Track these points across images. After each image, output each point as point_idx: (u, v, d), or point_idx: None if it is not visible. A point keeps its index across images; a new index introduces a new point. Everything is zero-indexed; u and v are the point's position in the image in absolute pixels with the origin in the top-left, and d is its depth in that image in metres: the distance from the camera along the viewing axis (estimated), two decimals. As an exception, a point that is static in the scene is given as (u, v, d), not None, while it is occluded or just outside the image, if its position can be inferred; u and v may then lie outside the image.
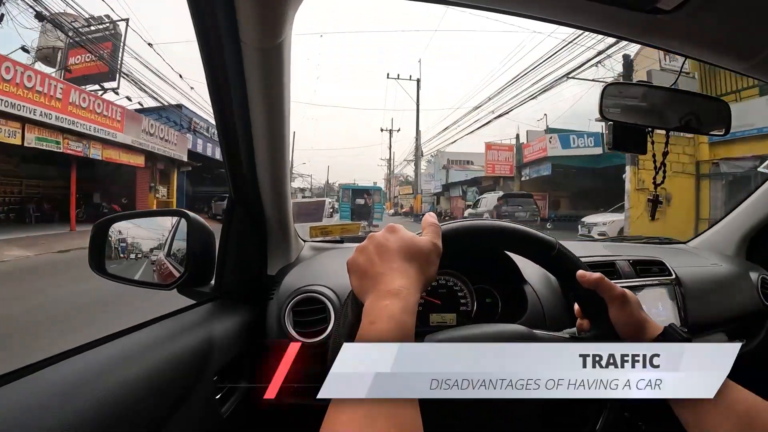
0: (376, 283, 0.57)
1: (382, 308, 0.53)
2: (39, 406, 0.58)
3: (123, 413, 0.66)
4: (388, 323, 0.51)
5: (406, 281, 0.56)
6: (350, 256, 0.63)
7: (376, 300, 0.55)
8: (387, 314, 0.52)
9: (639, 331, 0.68)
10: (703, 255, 1.68)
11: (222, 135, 0.98)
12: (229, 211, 1.12)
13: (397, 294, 0.54)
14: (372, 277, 0.58)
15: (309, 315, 1.07)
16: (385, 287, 0.56)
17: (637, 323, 0.68)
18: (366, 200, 19.41)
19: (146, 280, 1.14)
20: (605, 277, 0.71)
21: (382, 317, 0.52)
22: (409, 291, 0.55)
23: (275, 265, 1.23)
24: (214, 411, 0.91)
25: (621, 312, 0.69)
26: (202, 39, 0.80)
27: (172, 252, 1.16)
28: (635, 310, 0.69)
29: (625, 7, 0.69)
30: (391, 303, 0.53)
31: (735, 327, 1.43)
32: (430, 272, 0.61)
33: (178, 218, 1.11)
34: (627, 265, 1.29)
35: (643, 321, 0.69)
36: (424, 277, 0.60)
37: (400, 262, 0.59)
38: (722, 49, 0.79)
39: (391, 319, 0.52)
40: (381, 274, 0.58)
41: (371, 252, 0.60)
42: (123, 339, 0.79)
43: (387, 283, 0.56)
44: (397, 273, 0.57)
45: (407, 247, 0.60)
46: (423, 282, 0.59)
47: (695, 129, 1.00)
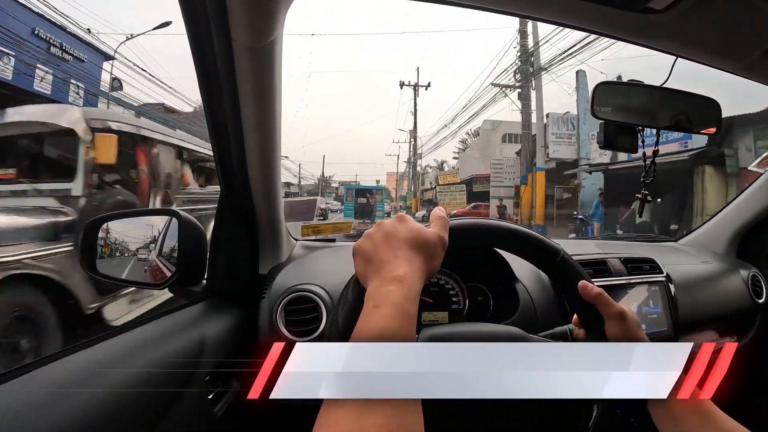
0: (380, 269, 0.57)
1: (386, 293, 0.53)
2: (31, 406, 0.58)
3: (115, 413, 0.66)
4: (392, 309, 0.51)
5: (410, 269, 0.56)
6: (357, 242, 0.62)
7: (379, 285, 0.54)
8: (391, 300, 0.52)
9: None
10: (694, 253, 1.69)
11: (213, 133, 0.97)
12: (220, 209, 1.11)
13: (401, 281, 0.54)
14: (377, 262, 0.58)
15: (301, 314, 1.07)
16: (390, 273, 0.55)
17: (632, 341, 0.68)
18: (368, 199, 19.68)
19: (138, 279, 1.14)
20: (605, 292, 0.71)
21: (385, 302, 0.52)
22: (413, 279, 0.55)
23: (267, 265, 1.23)
24: (207, 411, 0.90)
25: (617, 329, 0.68)
26: (193, 37, 0.79)
27: (164, 251, 1.15)
28: (632, 329, 0.68)
29: (617, 7, 0.69)
30: (396, 289, 0.53)
31: (726, 324, 1.45)
32: (435, 264, 0.61)
33: (169, 217, 1.10)
34: (618, 263, 1.30)
35: (640, 341, 0.68)
36: (428, 269, 0.59)
37: (406, 250, 0.59)
38: (714, 49, 0.79)
39: (394, 306, 0.52)
40: (386, 260, 0.57)
41: (378, 238, 0.60)
42: (114, 339, 0.79)
43: (392, 269, 0.56)
44: (402, 261, 0.57)
45: (414, 237, 0.60)
46: (426, 273, 0.59)
47: (686, 128, 1.00)
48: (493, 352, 0.54)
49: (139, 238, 1.17)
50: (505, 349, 0.55)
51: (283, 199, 1.20)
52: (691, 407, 0.61)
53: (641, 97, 0.99)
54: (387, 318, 0.50)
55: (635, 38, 0.79)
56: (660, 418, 0.64)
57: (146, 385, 0.74)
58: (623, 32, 0.78)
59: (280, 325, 1.05)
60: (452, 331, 0.73)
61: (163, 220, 1.15)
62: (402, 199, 48.68)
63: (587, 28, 0.79)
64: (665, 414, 0.63)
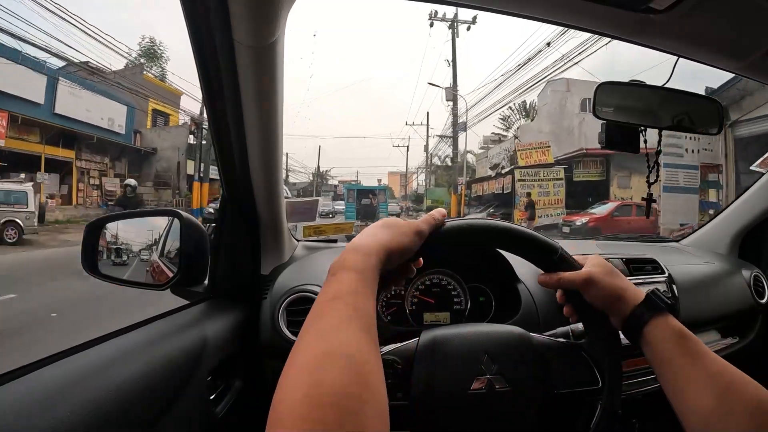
0: (348, 247, 0.61)
1: (342, 261, 0.58)
2: (32, 407, 0.58)
3: (116, 414, 0.66)
4: (348, 274, 0.55)
5: (371, 240, 0.61)
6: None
7: (339, 257, 0.59)
8: (347, 265, 0.56)
9: (617, 302, 0.69)
10: (696, 253, 1.69)
11: (215, 134, 0.97)
12: (222, 210, 1.12)
13: (358, 249, 0.59)
14: (350, 244, 0.62)
15: (303, 314, 1.06)
16: (350, 246, 0.61)
17: (612, 294, 0.69)
18: (371, 200, 19.75)
19: (139, 280, 1.14)
20: (563, 273, 0.72)
21: (342, 268, 0.56)
22: (370, 247, 0.60)
23: (268, 265, 1.23)
24: (209, 411, 0.91)
25: (591, 292, 0.70)
26: (195, 37, 0.79)
27: (166, 252, 1.15)
28: (606, 283, 0.69)
29: (618, 7, 0.69)
30: (352, 256, 0.58)
31: (728, 324, 1.44)
32: (402, 241, 0.64)
33: (171, 218, 1.10)
34: (620, 264, 1.30)
35: (621, 290, 0.69)
36: (393, 243, 0.62)
37: (373, 229, 0.64)
38: (715, 48, 0.79)
39: (351, 270, 0.55)
40: (355, 240, 0.62)
41: (364, 230, 0.65)
42: (116, 339, 0.79)
43: (353, 243, 0.61)
44: (365, 236, 0.63)
45: (386, 221, 0.66)
46: (389, 245, 0.62)
47: (688, 128, 1.00)
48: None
49: (140, 239, 1.17)
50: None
51: (285, 200, 1.20)
52: (678, 348, 0.63)
53: (643, 98, 0.99)
54: (342, 282, 0.54)
55: (636, 38, 0.79)
56: (653, 364, 0.66)
57: (148, 385, 0.74)
58: (624, 32, 0.78)
59: (282, 326, 1.05)
60: (455, 332, 0.73)
61: (164, 220, 1.15)
62: (413, 197, 37.15)
63: (588, 28, 0.79)
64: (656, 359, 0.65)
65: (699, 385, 0.59)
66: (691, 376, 0.60)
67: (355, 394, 0.40)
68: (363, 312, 0.50)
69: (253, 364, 1.06)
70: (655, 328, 0.65)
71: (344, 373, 0.41)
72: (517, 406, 0.68)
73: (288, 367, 0.44)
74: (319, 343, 0.45)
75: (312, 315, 0.51)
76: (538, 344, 0.72)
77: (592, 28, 0.80)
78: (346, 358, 0.43)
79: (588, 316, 0.73)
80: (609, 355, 0.71)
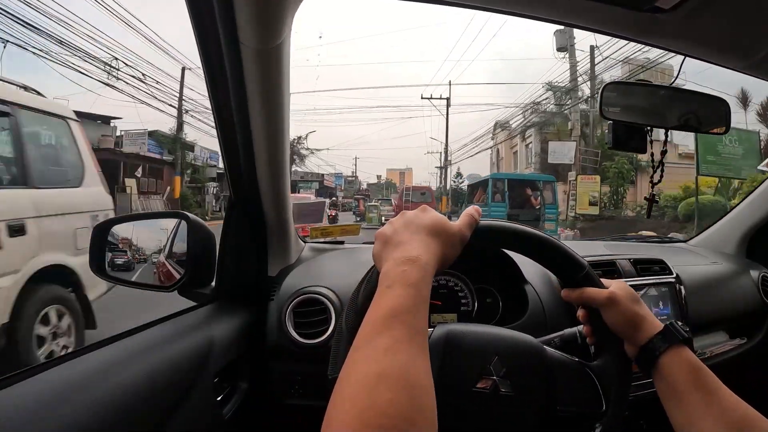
0: (395, 249, 0.57)
1: (400, 274, 0.53)
2: (39, 408, 0.58)
3: (123, 415, 0.66)
4: (406, 289, 0.51)
5: (425, 252, 0.56)
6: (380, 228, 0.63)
7: (393, 266, 0.54)
8: (404, 280, 0.52)
9: (635, 329, 0.68)
10: (704, 253, 1.68)
11: (221, 136, 0.98)
12: (228, 212, 1.12)
13: (415, 261, 0.54)
14: (394, 244, 0.58)
15: (310, 316, 1.07)
16: (404, 255, 0.55)
17: (632, 321, 0.68)
18: (531, 198, 15.40)
19: (147, 281, 1.14)
20: (586, 288, 0.71)
21: (399, 282, 0.52)
22: (427, 261, 0.55)
23: (275, 267, 1.23)
24: (216, 412, 0.91)
25: (611, 313, 0.69)
26: (201, 40, 0.80)
27: (173, 254, 1.15)
28: (627, 308, 0.68)
29: (624, 7, 0.69)
30: (409, 269, 0.53)
31: (736, 325, 1.43)
32: (450, 253, 0.61)
33: (178, 220, 1.10)
34: (628, 264, 1.29)
35: (640, 318, 0.68)
36: (443, 255, 0.59)
37: (424, 235, 0.59)
38: (721, 47, 0.79)
39: (408, 286, 0.51)
40: (402, 242, 0.58)
41: (399, 223, 0.61)
42: (124, 341, 0.79)
43: (407, 250, 0.56)
44: (418, 243, 0.57)
45: (434, 224, 0.60)
46: (441, 259, 0.59)
47: (695, 128, 0.99)
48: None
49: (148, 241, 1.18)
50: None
51: (292, 202, 1.21)
52: (692, 382, 0.62)
53: (650, 97, 0.98)
54: (400, 297, 0.50)
55: (642, 38, 0.79)
56: (664, 396, 0.65)
57: (155, 386, 0.74)
58: (630, 32, 0.78)
59: (289, 328, 1.05)
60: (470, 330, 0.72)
61: (172, 222, 1.16)
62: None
63: (594, 28, 0.79)
64: (668, 391, 0.64)
65: (712, 421, 0.58)
66: (704, 410, 0.59)
67: (408, 418, 0.40)
68: (418, 331, 0.48)
69: (259, 366, 1.06)
70: (671, 360, 0.64)
71: (398, 396, 0.41)
72: (517, 413, 0.67)
73: (342, 384, 0.43)
74: (374, 363, 0.44)
75: (367, 331, 0.48)
76: (551, 359, 0.71)
77: (598, 28, 0.80)
78: (400, 381, 0.42)
79: (604, 337, 0.73)
80: (619, 380, 0.70)
